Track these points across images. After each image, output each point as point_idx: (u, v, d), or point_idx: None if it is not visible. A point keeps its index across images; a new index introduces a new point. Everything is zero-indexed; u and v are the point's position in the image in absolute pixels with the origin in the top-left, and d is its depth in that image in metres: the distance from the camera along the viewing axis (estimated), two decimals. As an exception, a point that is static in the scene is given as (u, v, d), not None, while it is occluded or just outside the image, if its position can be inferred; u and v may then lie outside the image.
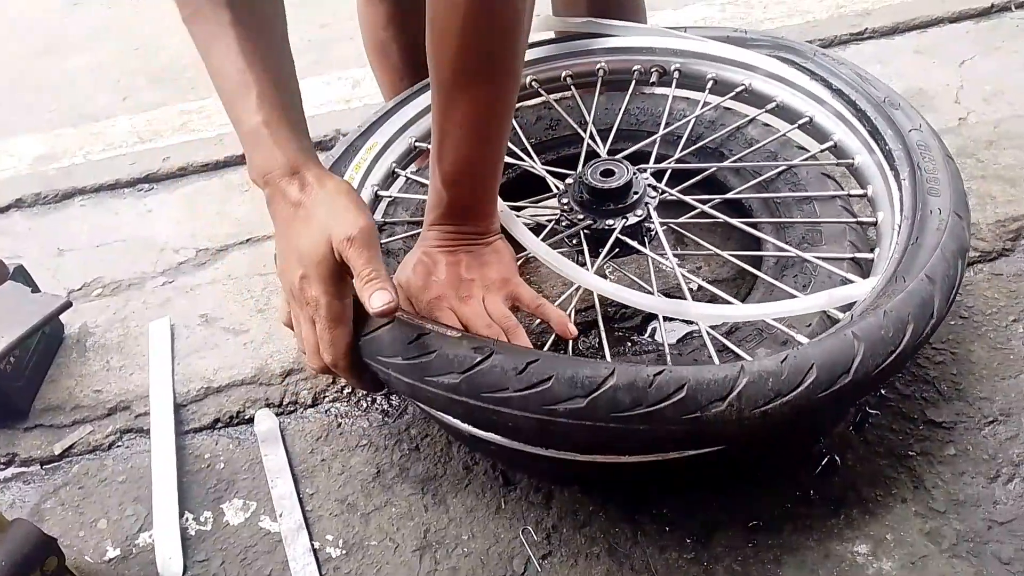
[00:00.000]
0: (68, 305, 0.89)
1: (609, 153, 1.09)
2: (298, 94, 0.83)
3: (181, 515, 0.92)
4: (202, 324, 1.15)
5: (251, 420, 1.01)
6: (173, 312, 1.18)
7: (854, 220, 0.98)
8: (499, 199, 0.93)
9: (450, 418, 0.85)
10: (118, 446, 1.01)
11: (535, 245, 0.93)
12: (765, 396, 0.69)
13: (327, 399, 1.02)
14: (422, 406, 0.90)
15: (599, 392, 0.69)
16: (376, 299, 0.72)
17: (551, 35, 1.24)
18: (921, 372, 0.96)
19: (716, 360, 0.84)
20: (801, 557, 0.82)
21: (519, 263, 0.92)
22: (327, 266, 0.75)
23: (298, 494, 0.92)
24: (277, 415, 1.01)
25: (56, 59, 2.19)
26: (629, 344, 1.04)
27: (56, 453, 1.01)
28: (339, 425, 0.99)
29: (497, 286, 0.87)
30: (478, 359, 0.72)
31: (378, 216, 1.09)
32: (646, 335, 1.05)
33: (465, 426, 0.85)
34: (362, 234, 0.74)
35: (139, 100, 1.93)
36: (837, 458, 0.89)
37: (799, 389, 0.69)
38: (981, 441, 0.89)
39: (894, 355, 0.73)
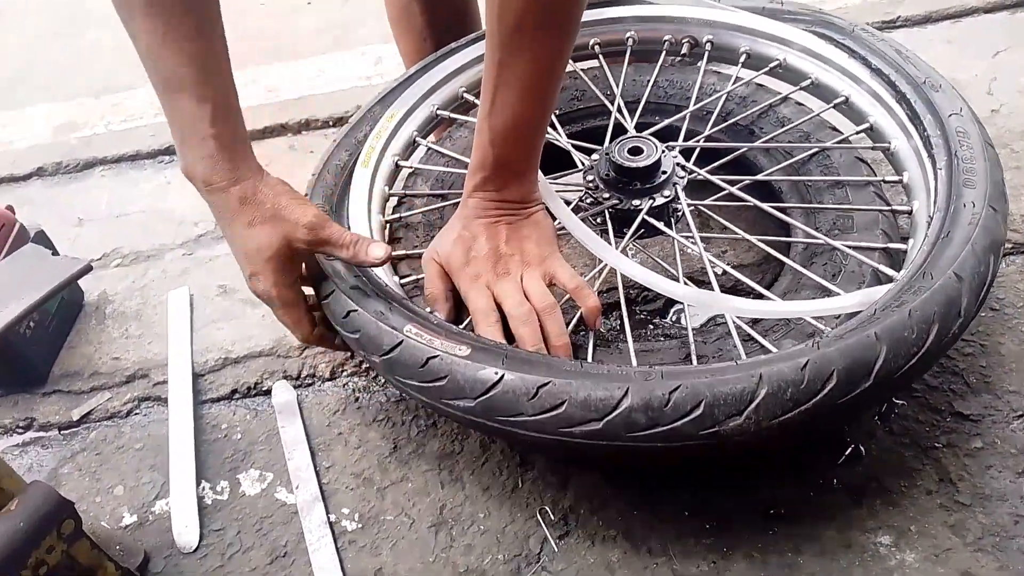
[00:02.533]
0: (88, 269, 0.89)
1: (636, 128, 1.07)
2: (236, 93, 0.82)
3: (198, 484, 0.92)
4: (220, 295, 1.15)
5: (269, 392, 1.00)
6: (192, 282, 1.17)
7: (888, 208, 0.95)
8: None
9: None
10: (136, 413, 1.01)
11: (569, 220, 0.92)
12: (784, 406, 0.68)
13: (345, 373, 1.02)
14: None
15: (615, 414, 0.69)
16: (374, 250, 0.83)
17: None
18: (950, 364, 0.94)
19: (741, 350, 0.83)
20: (821, 546, 0.80)
21: None
22: (277, 259, 0.82)
23: (315, 467, 0.92)
24: (295, 387, 1.00)
25: (75, 34, 2.18)
26: (651, 327, 1.03)
27: (74, 419, 1.00)
28: (356, 399, 0.99)
29: (536, 262, 0.87)
30: (489, 384, 0.72)
31: (398, 188, 1.08)
32: (668, 317, 1.03)
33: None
34: (320, 217, 0.82)
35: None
36: (861, 448, 0.87)
37: (818, 397, 0.68)
38: (1009, 435, 0.87)
39: (917, 357, 0.71)
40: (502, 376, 0.72)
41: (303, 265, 0.88)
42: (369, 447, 0.93)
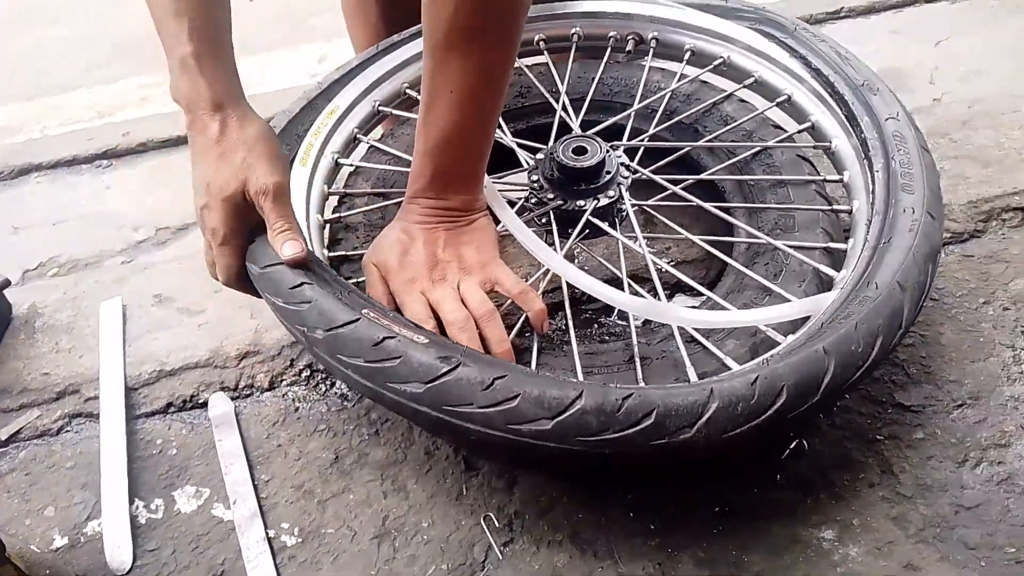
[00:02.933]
0: (6, 284, 0.86)
1: (582, 126, 1.06)
2: (230, 31, 0.84)
3: (131, 502, 0.89)
4: (156, 304, 1.11)
5: (205, 404, 0.97)
6: (127, 292, 1.14)
7: (829, 208, 0.95)
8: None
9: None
10: (67, 431, 0.98)
11: (514, 224, 0.91)
12: (734, 421, 0.68)
13: (284, 382, 0.99)
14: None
15: (566, 415, 0.67)
16: (287, 248, 0.79)
17: None
18: (891, 355, 0.94)
19: (685, 353, 0.82)
20: (767, 543, 0.80)
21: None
22: (232, 203, 0.80)
23: (253, 481, 0.89)
24: (232, 399, 0.98)
25: (17, 30, 2.12)
26: (596, 326, 1.02)
27: (2, 439, 0.97)
28: (296, 409, 0.96)
29: (475, 269, 0.85)
30: (443, 369, 0.70)
31: (338, 186, 1.06)
32: (613, 316, 1.03)
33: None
34: (277, 188, 0.79)
35: (105, 74, 1.87)
36: (804, 442, 0.87)
37: (768, 412, 0.68)
38: (949, 425, 0.88)
39: (862, 369, 0.72)
40: (458, 364, 0.70)
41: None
42: (309, 458, 0.91)
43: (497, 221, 0.93)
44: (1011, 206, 1.10)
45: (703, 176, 1.02)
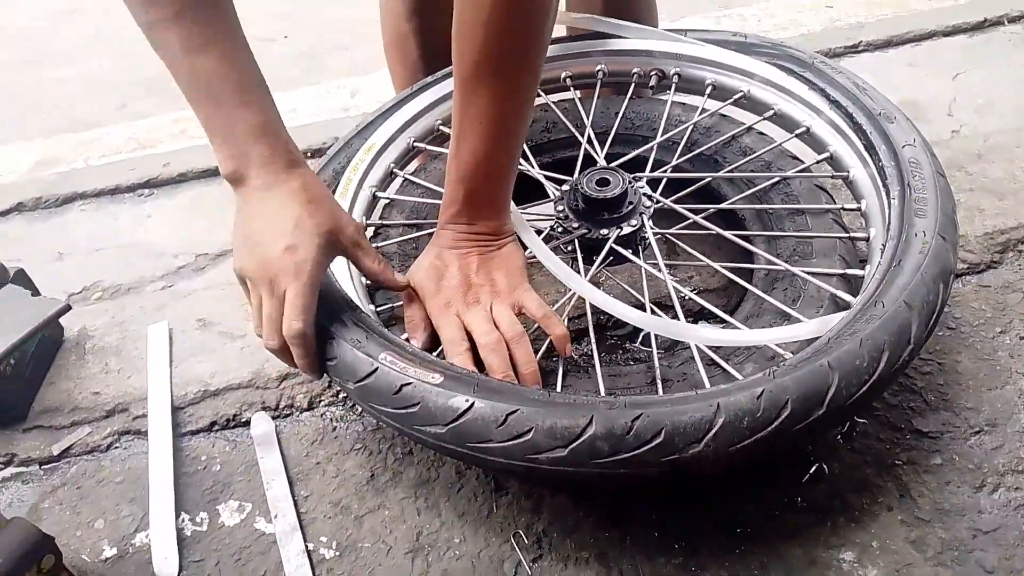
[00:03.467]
0: (67, 309, 0.91)
1: (606, 158, 1.10)
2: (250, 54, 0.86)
3: (177, 516, 0.93)
4: (199, 328, 1.16)
5: (247, 423, 1.02)
6: (171, 316, 1.19)
7: (846, 235, 0.99)
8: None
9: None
10: (116, 447, 1.02)
11: (540, 250, 0.95)
12: (741, 435, 0.71)
13: (323, 403, 1.04)
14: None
15: (579, 442, 0.71)
16: (400, 277, 0.91)
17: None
18: (908, 382, 0.97)
19: (704, 376, 0.86)
20: (787, 564, 0.83)
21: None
22: (326, 239, 0.83)
23: (293, 496, 0.93)
24: (273, 418, 1.02)
25: (47, 69, 2.20)
26: (620, 352, 1.05)
27: (54, 454, 1.01)
28: (334, 429, 1.01)
29: (505, 292, 0.90)
30: (459, 411, 0.75)
31: (374, 218, 1.10)
32: (638, 342, 1.06)
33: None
34: (362, 232, 0.87)
35: (134, 109, 1.94)
36: (824, 466, 0.90)
37: (774, 425, 0.71)
38: (967, 451, 0.90)
39: (868, 385, 0.74)
40: (472, 404, 0.75)
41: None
42: (346, 476, 0.95)
43: (525, 248, 0.97)
44: (1027, 237, 1.12)
45: (723, 205, 1.06)
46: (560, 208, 1.04)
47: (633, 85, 1.19)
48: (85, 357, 1.14)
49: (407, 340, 0.89)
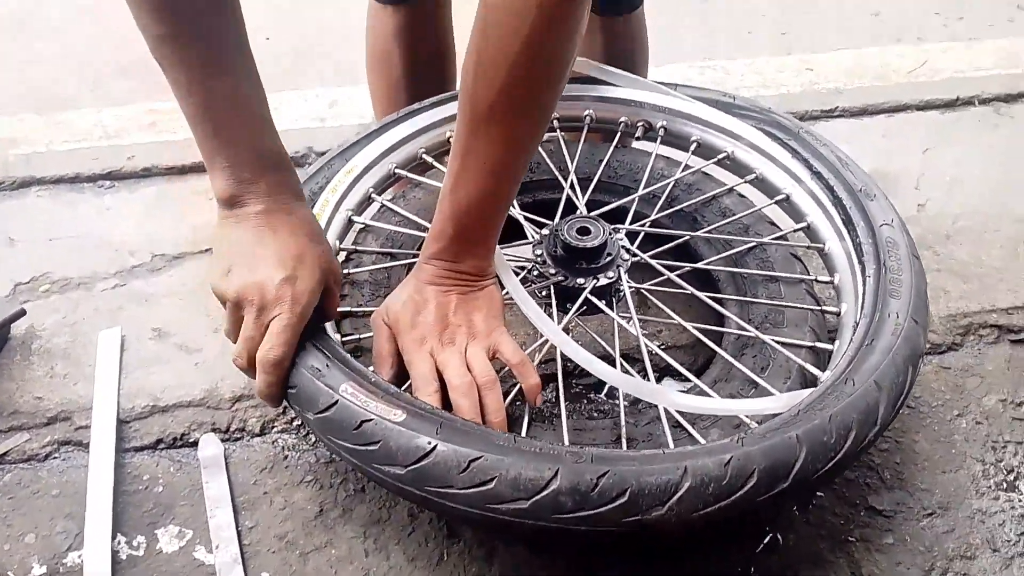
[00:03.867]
0: (21, 314, 0.87)
1: (587, 205, 1.10)
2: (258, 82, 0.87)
3: (113, 537, 0.89)
4: (154, 338, 1.12)
5: (195, 444, 0.98)
6: (125, 321, 1.15)
7: (818, 308, 0.99)
8: None
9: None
10: (55, 457, 0.98)
11: (519, 294, 0.94)
12: (705, 501, 0.70)
13: (276, 429, 1.00)
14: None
15: (542, 495, 0.70)
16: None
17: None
18: (866, 458, 0.98)
19: (670, 438, 0.85)
20: (737, 635, 0.82)
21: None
22: (326, 275, 0.86)
23: (237, 526, 0.90)
24: (223, 441, 0.98)
25: (24, 40, 2.12)
26: (585, 402, 1.04)
27: (-12, 459, 0.97)
28: (285, 457, 0.98)
29: (482, 335, 0.88)
30: (422, 453, 0.73)
31: (348, 243, 1.08)
32: (603, 393, 1.05)
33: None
34: (304, 298, 0.83)
35: (108, 92, 1.88)
36: (779, 537, 0.90)
37: (739, 494, 0.71)
38: (919, 532, 0.91)
39: (834, 461, 0.74)
40: (435, 447, 0.73)
41: None
42: (295, 509, 0.92)
43: (502, 288, 0.96)
44: (988, 323, 1.15)
45: (700, 265, 1.06)
46: (538, 252, 1.02)
47: (619, 134, 1.19)
48: (31, 358, 1.09)
49: (371, 372, 0.87)
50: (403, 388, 0.86)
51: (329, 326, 0.94)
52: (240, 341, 0.82)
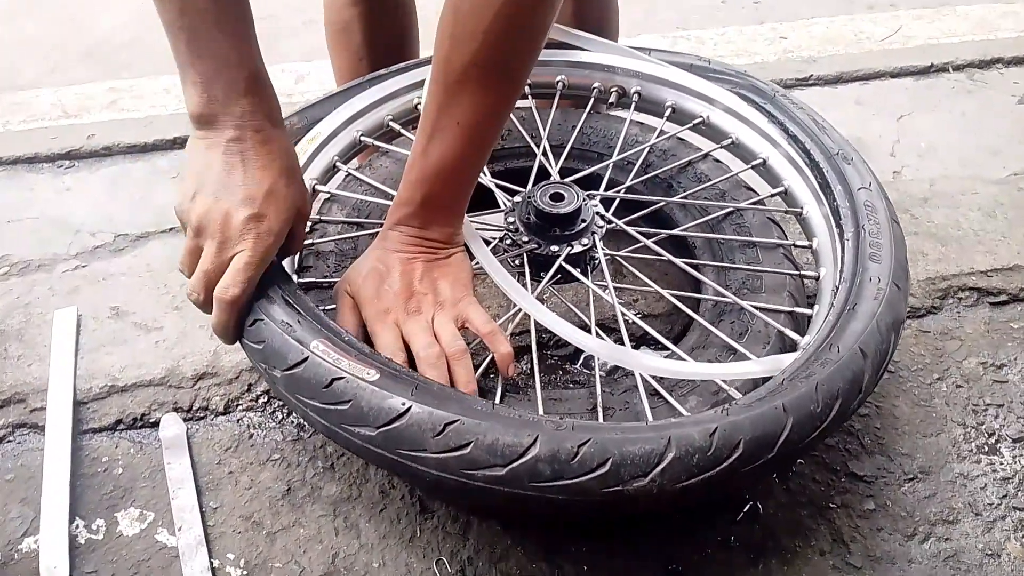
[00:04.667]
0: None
1: (560, 172, 1.07)
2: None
3: (71, 521, 0.86)
4: (112, 317, 1.08)
5: (156, 424, 0.95)
6: (82, 301, 1.11)
7: (796, 272, 0.97)
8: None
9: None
10: (8, 441, 0.94)
11: (489, 263, 0.91)
12: (688, 472, 0.68)
13: (240, 407, 0.97)
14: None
15: (519, 462, 0.67)
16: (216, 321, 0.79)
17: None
18: (847, 424, 0.96)
19: (647, 406, 0.83)
20: (719, 605, 0.81)
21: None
22: (294, 215, 0.82)
23: (200, 507, 0.87)
24: (185, 420, 0.95)
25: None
26: (560, 373, 1.02)
27: (-62, 445, 0.93)
28: (251, 436, 0.94)
29: (449, 304, 0.85)
30: (395, 414, 0.70)
31: (313, 214, 1.04)
32: (578, 364, 1.03)
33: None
34: (271, 234, 0.79)
35: (68, 75, 1.83)
36: (759, 505, 0.88)
37: (724, 464, 0.68)
38: (900, 498, 0.90)
39: (819, 430, 0.72)
40: (409, 408, 0.70)
41: None
42: (261, 488, 0.89)
43: (472, 258, 0.93)
44: (967, 285, 1.13)
45: (676, 231, 1.03)
46: (511, 220, 0.99)
47: (592, 100, 1.16)
48: (-18, 340, 1.05)
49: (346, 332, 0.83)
50: None
51: (288, 263, 0.91)
52: (197, 273, 0.78)
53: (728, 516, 0.87)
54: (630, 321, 0.96)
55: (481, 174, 1.04)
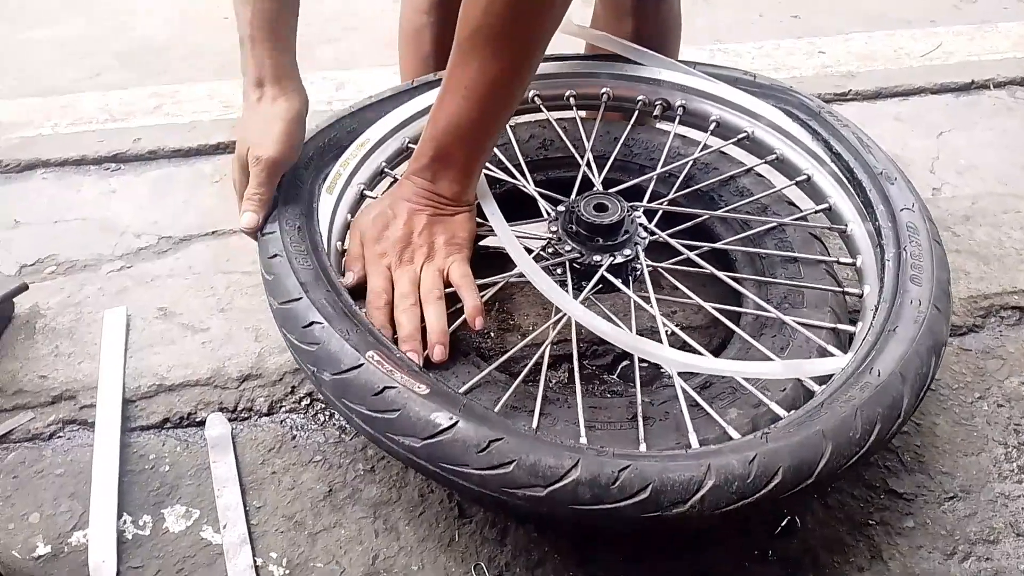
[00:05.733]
0: (23, 288, 0.85)
1: (603, 183, 1.08)
2: (289, 21, 0.95)
3: (119, 516, 0.87)
4: (160, 317, 1.10)
5: (202, 423, 0.97)
6: (131, 302, 1.13)
7: (839, 289, 0.97)
8: (500, 215, 0.97)
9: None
10: (59, 437, 0.96)
11: (531, 269, 0.92)
12: (728, 499, 0.68)
13: (283, 409, 0.99)
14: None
15: (560, 484, 0.68)
16: (244, 218, 0.91)
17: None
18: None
19: (687, 417, 0.83)
20: (755, 618, 0.81)
21: (500, 286, 0.94)
22: (241, 162, 0.92)
23: (244, 506, 0.88)
24: (230, 420, 0.97)
25: (19, 28, 2.11)
26: (598, 382, 1.02)
27: (-9, 438, 0.95)
28: (293, 437, 0.96)
29: (440, 257, 0.91)
30: (441, 428, 0.71)
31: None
32: (616, 374, 1.03)
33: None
34: (268, 162, 0.90)
35: (109, 79, 1.87)
36: (797, 520, 0.88)
37: (763, 491, 0.69)
38: (940, 516, 0.89)
39: (858, 455, 0.72)
40: (456, 423, 0.71)
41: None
42: (303, 489, 0.90)
43: (513, 266, 0.94)
44: (1009, 304, 1.12)
45: (718, 245, 1.04)
46: (554, 229, 1.00)
47: (637, 112, 1.17)
48: (35, 337, 1.07)
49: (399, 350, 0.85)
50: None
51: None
52: (234, 166, 0.94)
53: (766, 529, 0.87)
54: (669, 332, 0.97)
55: (525, 182, 1.06)
